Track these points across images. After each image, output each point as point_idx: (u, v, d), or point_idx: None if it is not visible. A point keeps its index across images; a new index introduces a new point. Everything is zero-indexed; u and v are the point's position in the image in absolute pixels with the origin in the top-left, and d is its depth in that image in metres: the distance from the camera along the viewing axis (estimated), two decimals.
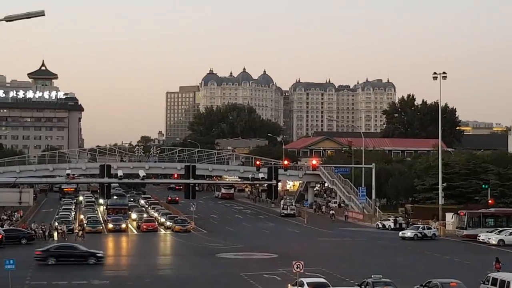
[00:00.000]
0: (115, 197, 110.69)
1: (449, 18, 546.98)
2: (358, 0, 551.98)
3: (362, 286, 40.96)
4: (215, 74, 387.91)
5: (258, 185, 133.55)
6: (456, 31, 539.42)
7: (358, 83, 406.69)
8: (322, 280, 43.07)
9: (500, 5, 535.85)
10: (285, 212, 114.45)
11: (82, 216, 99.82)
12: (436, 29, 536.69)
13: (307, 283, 40.92)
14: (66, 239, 78.93)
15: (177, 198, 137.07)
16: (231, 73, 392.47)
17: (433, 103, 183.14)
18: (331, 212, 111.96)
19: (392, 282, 40.65)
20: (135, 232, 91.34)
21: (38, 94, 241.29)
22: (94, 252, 59.53)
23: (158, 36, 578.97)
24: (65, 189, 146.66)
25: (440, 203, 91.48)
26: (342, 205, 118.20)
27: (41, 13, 26.64)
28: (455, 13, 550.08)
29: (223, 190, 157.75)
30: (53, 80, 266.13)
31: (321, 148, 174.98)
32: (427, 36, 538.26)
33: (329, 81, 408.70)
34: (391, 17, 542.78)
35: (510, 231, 74.68)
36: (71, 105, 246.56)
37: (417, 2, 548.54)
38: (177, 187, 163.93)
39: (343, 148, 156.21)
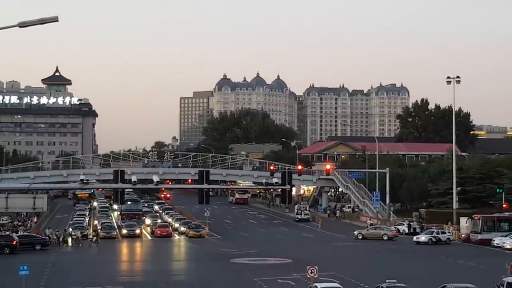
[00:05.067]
0: (129, 202, 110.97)
1: (463, 21, 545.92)
2: (371, 5, 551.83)
3: None
4: (229, 79, 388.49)
5: (272, 190, 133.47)
6: (470, 35, 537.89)
7: (371, 87, 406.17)
8: (336, 285, 42.79)
9: None
10: (299, 217, 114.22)
11: (96, 222, 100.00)
12: (450, 33, 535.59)
13: None
14: (80, 244, 79.23)
15: (168, 196, 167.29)
16: (244, 78, 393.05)
17: (447, 107, 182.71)
18: (369, 222, 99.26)
19: (407, 287, 40.41)
20: (149, 238, 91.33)
21: (52, 100, 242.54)
22: None
23: (172, 41, 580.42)
24: (79, 195, 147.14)
25: (454, 207, 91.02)
26: (356, 209, 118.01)
27: (54, 19, 26.71)
28: (468, 16, 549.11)
29: (237, 195, 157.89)
30: (67, 86, 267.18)
31: (335, 153, 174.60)
32: (441, 40, 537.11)
33: (343, 85, 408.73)
34: (404, 21, 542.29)
35: None
36: (85, 110, 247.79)
37: (431, 5, 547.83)
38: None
39: (357, 153, 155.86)
